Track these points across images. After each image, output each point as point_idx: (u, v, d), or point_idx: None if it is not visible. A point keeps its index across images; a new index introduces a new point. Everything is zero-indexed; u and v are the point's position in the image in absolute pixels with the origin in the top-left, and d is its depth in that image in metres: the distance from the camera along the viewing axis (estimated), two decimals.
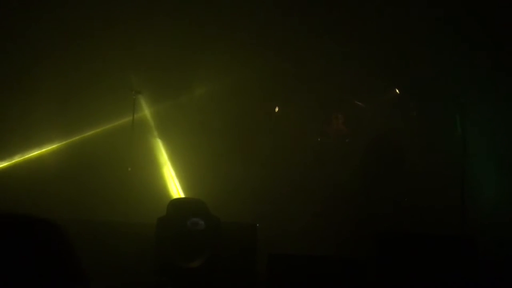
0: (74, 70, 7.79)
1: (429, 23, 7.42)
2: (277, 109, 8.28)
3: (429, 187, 6.81)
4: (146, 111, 8.16)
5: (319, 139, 7.93)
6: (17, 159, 7.80)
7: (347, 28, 7.82)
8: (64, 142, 7.94)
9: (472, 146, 6.33)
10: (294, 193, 7.13)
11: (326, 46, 7.88)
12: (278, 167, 7.61)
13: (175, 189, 7.85)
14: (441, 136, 7.20)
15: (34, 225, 1.48)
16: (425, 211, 6.40)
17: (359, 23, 7.80)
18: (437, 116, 7.43)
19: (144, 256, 5.08)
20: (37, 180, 7.24)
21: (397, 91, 8.19)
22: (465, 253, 4.38)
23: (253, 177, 7.36)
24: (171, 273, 4.85)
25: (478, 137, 6.65)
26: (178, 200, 6.27)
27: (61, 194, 6.85)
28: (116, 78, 7.74)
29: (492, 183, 6.73)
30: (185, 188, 7.81)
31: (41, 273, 1.39)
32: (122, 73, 7.72)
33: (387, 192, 6.73)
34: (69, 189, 7.00)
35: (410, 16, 7.54)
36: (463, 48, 7.20)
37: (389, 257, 4.45)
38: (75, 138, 7.96)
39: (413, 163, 7.18)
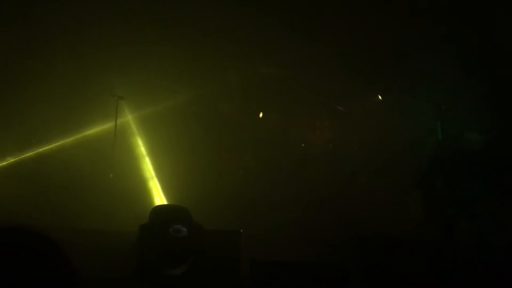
0: (55, 75, 7.70)
1: (413, 30, 7.50)
2: (261, 115, 8.29)
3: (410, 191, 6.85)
4: (129, 116, 8.10)
5: (302, 145, 7.96)
6: None
7: (331, 34, 7.87)
8: (44, 148, 7.85)
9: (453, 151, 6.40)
10: (277, 199, 7.14)
11: (311, 52, 7.92)
12: (261, 173, 7.61)
13: (158, 196, 7.80)
14: (422, 142, 7.27)
15: (12, 233, 1.46)
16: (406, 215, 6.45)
17: (343, 29, 7.85)
18: (419, 122, 7.51)
19: (127, 264, 5.03)
20: (16, 186, 7.13)
21: (380, 97, 8.27)
22: (448, 257, 4.43)
23: (236, 183, 7.36)
24: (154, 281, 4.81)
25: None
26: (160, 207, 6.23)
27: (41, 201, 6.76)
28: (98, 83, 7.68)
29: (473, 186, 6.77)
30: (167, 195, 7.77)
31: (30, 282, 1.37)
32: (104, 78, 7.66)
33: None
34: (49, 196, 6.91)
35: (394, 22, 7.61)
36: (446, 54, 7.30)
37: (371, 262, 4.47)
38: (56, 144, 7.87)
39: (396, 167, 7.24)
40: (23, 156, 7.79)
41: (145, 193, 7.77)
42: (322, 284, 4.29)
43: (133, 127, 8.14)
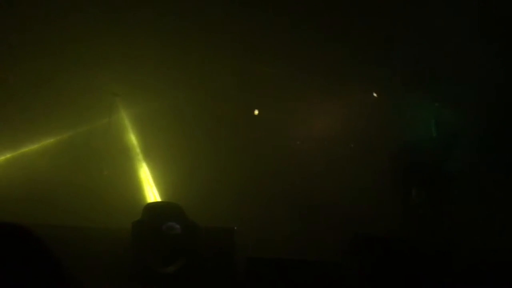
0: (49, 72, 7.65)
1: (412, 26, 7.50)
2: (256, 112, 8.27)
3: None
4: (123, 113, 8.07)
5: (298, 143, 7.95)
6: None
7: (327, 31, 7.85)
8: (37, 145, 7.80)
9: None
10: (273, 197, 7.12)
11: (308, 50, 7.91)
12: (256, 171, 7.59)
13: (151, 193, 7.76)
14: (419, 140, 7.26)
15: (7, 231, 1.43)
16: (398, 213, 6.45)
17: (340, 26, 7.83)
18: (416, 120, 7.51)
19: (121, 261, 4.99)
20: (9, 184, 7.09)
21: (375, 95, 8.26)
22: (446, 257, 4.42)
23: (231, 180, 7.32)
24: (147, 278, 4.78)
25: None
26: (154, 204, 6.20)
27: (33, 198, 6.71)
28: (93, 81, 7.63)
29: (470, 186, 6.78)
30: (161, 192, 7.74)
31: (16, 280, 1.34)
32: (99, 75, 7.62)
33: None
34: (42, 193, 6.86)
35: (391, 20, 7.60)
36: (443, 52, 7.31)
37: (367, 260, 4.46)
38: (49, 140, 7.83)
39: (393, 168, 7.23)
40: (16, 153, 7.73)
41: (138, 190, 7.73)
42: (318, 281, 4.27)
43: (128, 124, 8.10)
